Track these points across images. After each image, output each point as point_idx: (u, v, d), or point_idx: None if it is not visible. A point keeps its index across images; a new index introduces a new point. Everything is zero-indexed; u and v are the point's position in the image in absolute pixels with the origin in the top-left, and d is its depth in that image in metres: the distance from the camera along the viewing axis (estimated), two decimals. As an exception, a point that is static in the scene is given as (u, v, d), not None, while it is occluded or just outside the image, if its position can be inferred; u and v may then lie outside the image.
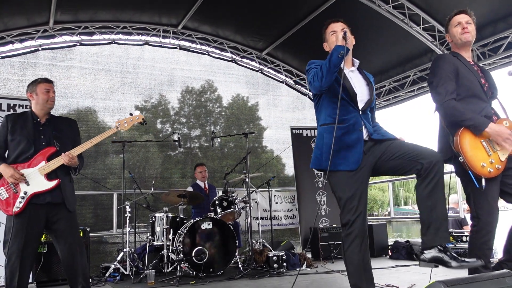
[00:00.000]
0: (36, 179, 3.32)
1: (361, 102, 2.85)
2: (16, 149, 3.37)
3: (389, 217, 10.34)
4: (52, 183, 3.35)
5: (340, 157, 2.76)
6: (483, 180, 2.84)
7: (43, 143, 3.42)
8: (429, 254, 2.58)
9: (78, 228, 3.57)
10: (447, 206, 2.68)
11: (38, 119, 3.50)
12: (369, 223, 7.26)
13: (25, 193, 3.28)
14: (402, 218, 30.94)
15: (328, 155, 2.71)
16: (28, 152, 3.36)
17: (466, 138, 2.88)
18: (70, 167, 3.48)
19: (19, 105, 5.69)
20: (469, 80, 3.03)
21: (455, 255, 2.54)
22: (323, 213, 7.86)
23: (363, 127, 2.82)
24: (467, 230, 6.31)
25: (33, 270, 4.97)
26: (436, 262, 2.55)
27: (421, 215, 2.67)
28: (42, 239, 4.96)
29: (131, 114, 3.72)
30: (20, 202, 3.25)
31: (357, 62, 3.02)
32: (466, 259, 2.54)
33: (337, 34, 2.81)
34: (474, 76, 3.05)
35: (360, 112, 2.83)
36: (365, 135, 2.82)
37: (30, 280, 3.85)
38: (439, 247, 2.57)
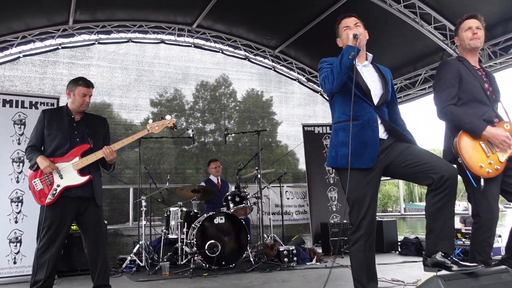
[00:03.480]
0: (70, 173, 3.48)
1: (375, 97, 2.79)
2: (52, 143, 3.54)
3: (399, 214, 10.40)
4: (84, 178, 3.51)
5: (354, 154, 2.70)
6: (482, 180, 2.94)
7: (78, 139, 3.58)
8: (432, 259, 2.64)
9: (103, 221, 3.75)
10: (455, 218, 2.69)
11: (73, 116, 3.66)
12: (379, 219, 7.35)
13: (58, 185, 3.45)
14: (416, 214, 30.72)
15: (343, 153, 2.72)
16: (64, 147, 3.53)
17: (465, 140, 3.00)
18: (101, 164, 3.63)
19: (41, 103, 5.76)
20: (472, 84, 3.13)
21: (457, 260, 2.62)
22: (334, 209, 7.99)
23: (379, 123, 2.76)
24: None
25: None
26: (438, 266, 2.61)
27: (426, 223, 2.69)
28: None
29: (162, 118, 3.82)
30: (53, 194, 3.42)
31: (370, 56, 2.96)
32: (468, 264, 2.61)
33: (348, 31, 2.81)
34: (477, 81, 3.16)
35: (376, 108, 2.78)
36: (381, 133, 2.77)
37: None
38: (441, 253, 2.62)
